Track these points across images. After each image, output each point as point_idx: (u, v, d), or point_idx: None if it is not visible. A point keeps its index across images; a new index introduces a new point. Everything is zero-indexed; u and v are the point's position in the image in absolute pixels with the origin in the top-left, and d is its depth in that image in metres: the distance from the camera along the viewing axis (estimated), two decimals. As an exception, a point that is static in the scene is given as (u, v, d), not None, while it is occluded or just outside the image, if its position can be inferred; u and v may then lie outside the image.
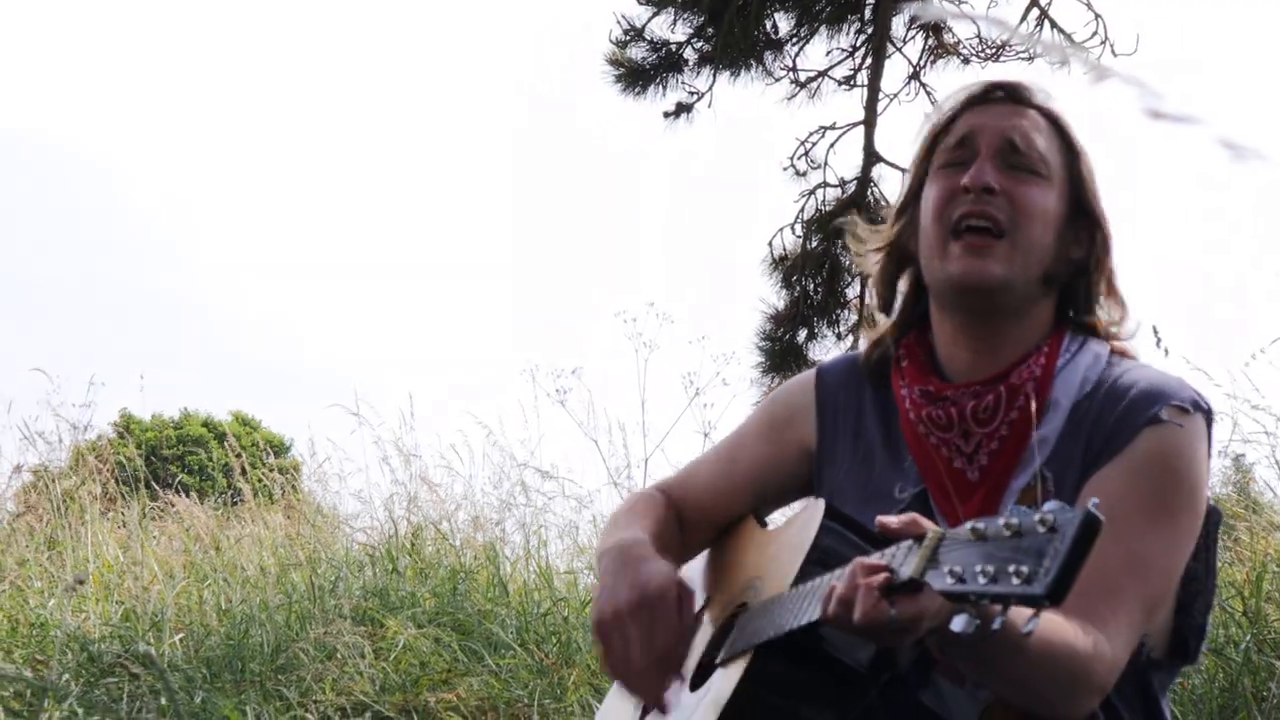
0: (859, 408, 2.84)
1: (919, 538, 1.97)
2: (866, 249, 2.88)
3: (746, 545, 2.81)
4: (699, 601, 2.86)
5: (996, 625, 1.79)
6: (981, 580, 1.77)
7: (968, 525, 1.83)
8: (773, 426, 2.96)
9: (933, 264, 2.66)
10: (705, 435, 9.18)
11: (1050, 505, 1.74)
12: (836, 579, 2.13)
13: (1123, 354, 2.70)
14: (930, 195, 2.69)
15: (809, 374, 2.97)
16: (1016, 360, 2.62)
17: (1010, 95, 2.72)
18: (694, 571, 3.00)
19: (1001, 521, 1.78)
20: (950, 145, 2.70)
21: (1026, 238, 2.59)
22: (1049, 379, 2.59)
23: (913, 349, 2.76)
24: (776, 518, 2.96)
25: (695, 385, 9.28)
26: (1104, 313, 2.72)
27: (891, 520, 2.05)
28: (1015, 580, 1.72)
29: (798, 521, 2.57)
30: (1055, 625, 2.27)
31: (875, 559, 2.06)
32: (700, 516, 2.98)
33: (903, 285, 2.84)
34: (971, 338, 2.66)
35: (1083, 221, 2.68)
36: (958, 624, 1.82)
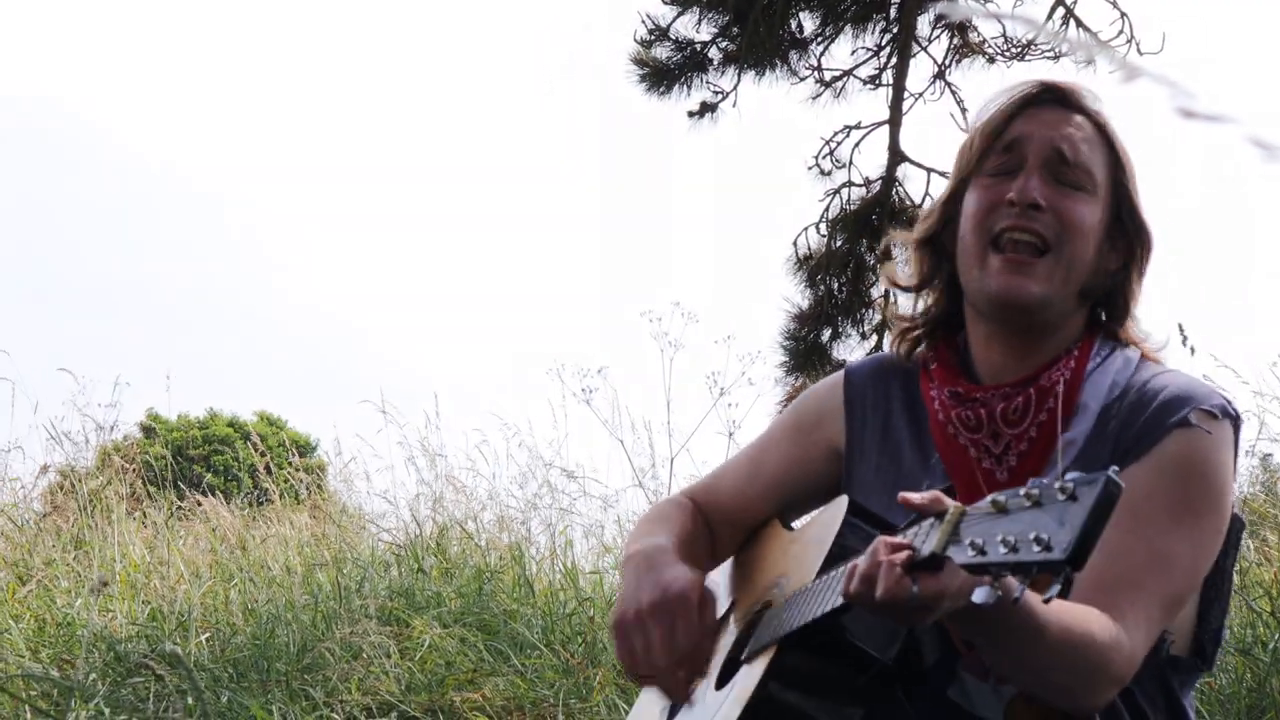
0: (887, 406, 2.85)
1: (940, 515, 2.00)
2: (906, 243, 2.87)
3: (771, 546, 2.82)
4: (725, 604, 2.87)
5: (1018, 594, 1.83)
6: (1002, 550, 1.79)
7: (988, 499, 1.87)
8: (800, 428, 2.97)
9: (971, 273, 2.66)
10: (730, 435, 9.19)
11: (1071, 475, 1.77)
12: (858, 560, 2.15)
13: (1152, 359, 2.71)
14: (972, 202, 2.68)
15: (837, 375, 2.98)
16: (1047, 363, 2.63)
17: (1059, 99, 2.70)
18: (720, 576, 3.00)
19: (1022, 492, 1.81)
20: (998, 149, 2.68)
21: (1069, 255, 2.60)
22: (1078, 382, 2.60)
23: (942, 351, 2.77)
24: (802, 519, 2.96)
25: (720, 385, 9.28)
26: (1136, 326, 2.73)
27: (914, 496, 2.08)
28: (1035, 548, 1.75)
29: (821, 519, 2.61)
30: (1075, 614, 2.29)
31: (898, 538, 2.09)
32: (727, 521, 2.99)
33: (936, 283, 2.83)
34: (1004, 344, 2.67)
35: (1120, 232, 2.68)
36: (979, 595, 1.85)
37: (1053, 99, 2.70)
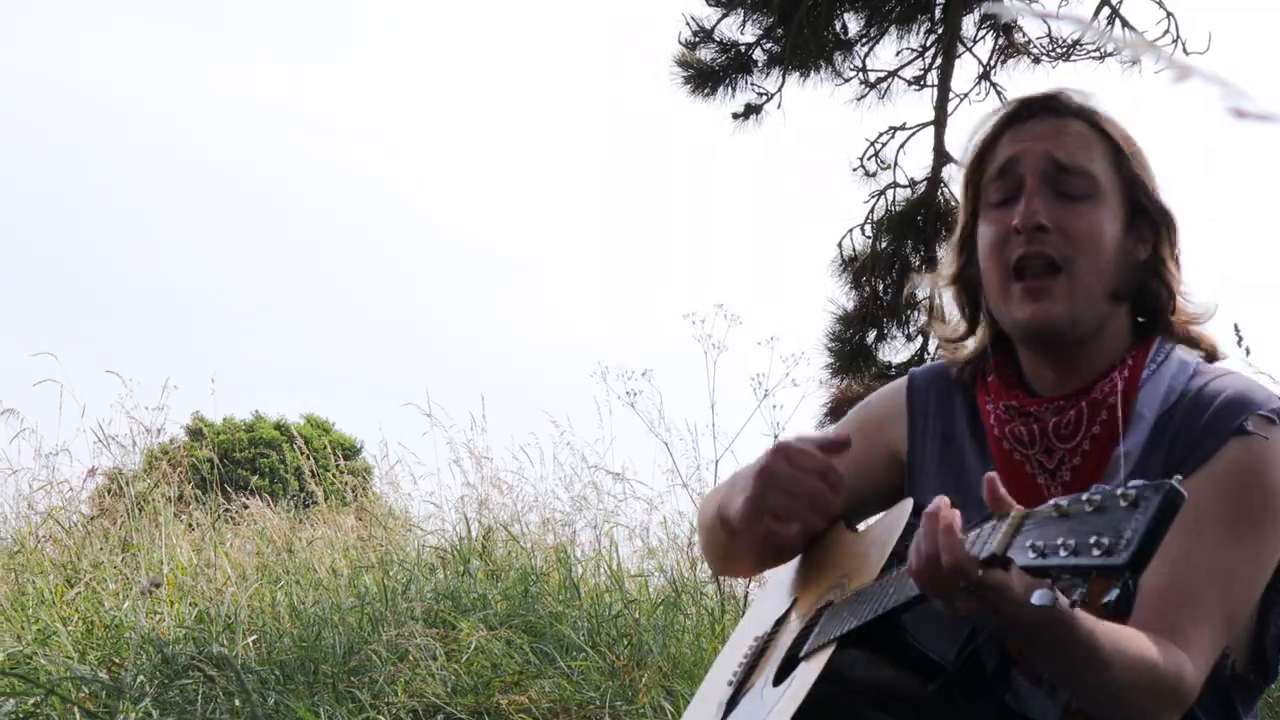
0: (950, 413, 2.84)
1: (1003, 516, 2.01)
2: (938, 286, 2.87)
3: (834, 547, 2.81)
4: (786, 602, 2.88)
5: (1075, 598, 1.81)
6: (1062, 554, 1.81)
7: (1051, 503, 1.88)
8: (862, 432, 2.94)
9: (1000, 306, 2.65)
10: (774, 437, 9.16)
11: (1134, 482, 1.78)
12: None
13: (1212, 356, 2.67)
14: (985, 236, 2.67)
15: (900, 381, 2.97)
16: (1100, 374, 2.60)
17: (1045, 107, 2.66)
18: (783, 574, 3.00)
19: (1084, 497, 1.82)
20: (993, 175, 2.65)
21: (1084, 269, 2.56)
22: (1132, 392, 2.56)
23: (999, 364, 2.74)
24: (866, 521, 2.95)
25: (764, 387, 9.26)
26: (1188, 305, 2.67)
27: (998, 487, 2.07)
28: (1096, 552, 1.76)
29: (885, 521, 2.61)
30: (1139, 641, 2.26)
31: (960, 537, 2.08)
32: None
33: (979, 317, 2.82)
34: (1051, 362, 2.65)
35: (1143, 220, 2.64)
36: (1037, 598, 1.85)
37: (1038, 110, 2.66)
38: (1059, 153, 2.59)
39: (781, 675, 2.60)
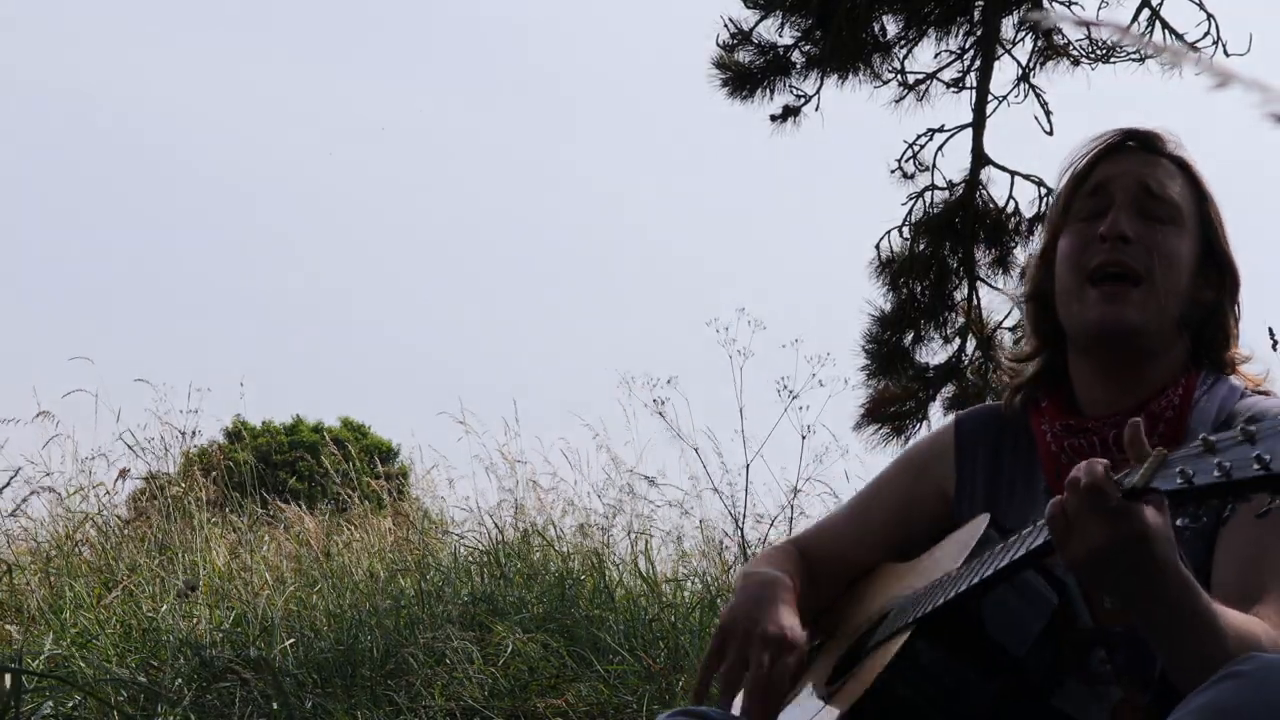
0: (997, 449, 2.89)
1: (1141, 460, 2.10)
2: (1018, 301, 2.95)
3: (883, 578, 2.90)
4: (819, 635, 2.94)
5: (1227, 514, 1.98)
6: (1215, 474, 1.90)
7: (1199, 438, 1.98)
8: (908, 473, 3.03)
9: (1070, 310, 2.72)
10: (803, 439, 9.22)
11: None
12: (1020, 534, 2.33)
13: (1262, 392, 2.75)
14: (1065, 244, 2.76)
15: (948, 422, 3.04)
16: (1154, 393, 2.67)
17: (1143, 144, 2.78)
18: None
19: (1236, 428, 1.92)
20: (1085, 193, 2.76)
21: (1163, 284, 2.65)
22: (1187, 408, 2.64)
23: (1051, 392, 2.81)
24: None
25: (790, 389, 9.30)
26: (1236, 354, 2.78)
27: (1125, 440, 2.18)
28: (1256, 467, 1.84)
29: (955, 537, 2.69)
30: (1244, 618, 2.31)
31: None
32: (832, 568, 3.05)
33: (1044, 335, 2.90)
34: (1108, 378, 2.72)
35: (1212, 264, 2.75)
36: (1182, 521, 1.99)
37: (1135, 144, 2.78)
38: (1150, 181, 2.71)
39: (834, 677, 2.66)
